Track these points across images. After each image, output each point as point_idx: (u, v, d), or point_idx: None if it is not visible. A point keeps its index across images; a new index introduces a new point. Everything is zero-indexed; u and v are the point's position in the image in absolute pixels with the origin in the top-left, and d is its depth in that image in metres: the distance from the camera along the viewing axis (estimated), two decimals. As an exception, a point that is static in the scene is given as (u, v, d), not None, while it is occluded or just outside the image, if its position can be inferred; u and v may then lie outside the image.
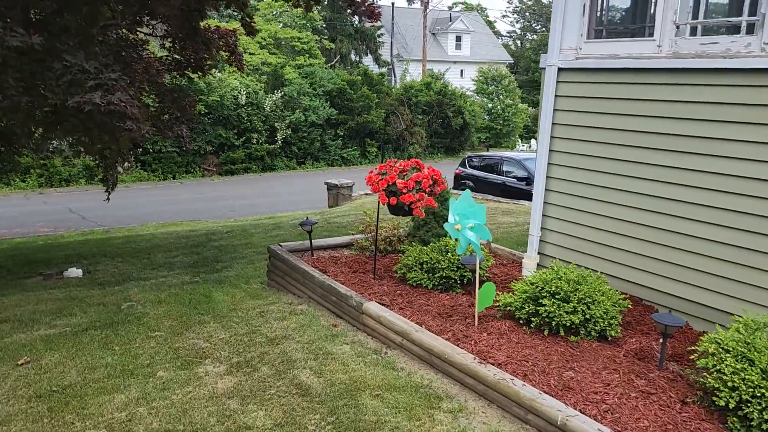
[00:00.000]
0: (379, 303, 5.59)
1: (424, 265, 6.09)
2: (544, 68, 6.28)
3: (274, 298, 6.64)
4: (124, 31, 9.54)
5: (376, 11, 9.82)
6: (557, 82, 6.18)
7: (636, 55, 5.52)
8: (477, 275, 5.08)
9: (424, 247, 6.34)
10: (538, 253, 6.55)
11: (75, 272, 8.63)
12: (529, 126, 45.56)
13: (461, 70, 47.92)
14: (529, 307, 4.96)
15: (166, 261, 9.39)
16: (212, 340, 5.45)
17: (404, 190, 5.45)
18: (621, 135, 5.70)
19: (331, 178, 25.89)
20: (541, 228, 6.49)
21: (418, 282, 6.06)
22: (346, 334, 5.46)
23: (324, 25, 42.60)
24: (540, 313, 4.85)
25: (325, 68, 33.81)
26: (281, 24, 37.98)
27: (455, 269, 5.99)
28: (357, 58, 43.84)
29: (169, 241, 11.17)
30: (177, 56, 9.96)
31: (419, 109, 33.06)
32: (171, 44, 9.78)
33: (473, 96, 38.99)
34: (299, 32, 34.88)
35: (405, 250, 6.74)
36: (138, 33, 9.91)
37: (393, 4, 46.12)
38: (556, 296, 4.85)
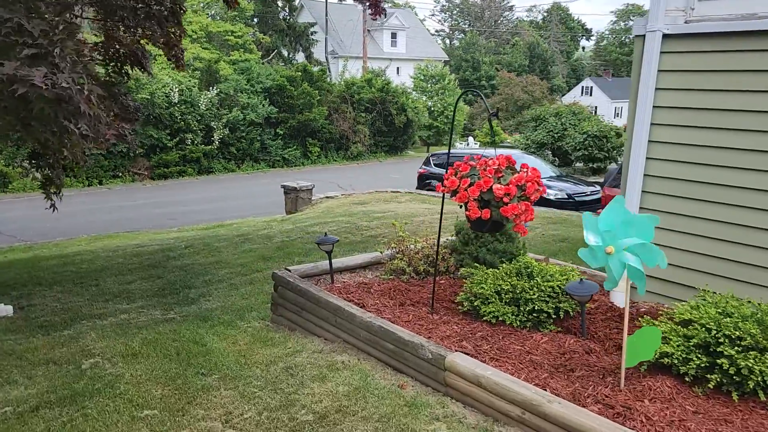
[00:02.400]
0: (460, 351, 4.07)
1: (505, 295, 4.59)
2: (643, 35, 4.91)
3: (293, 343, 4.96)
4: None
5: (380, 4, 8.34)
6: (661, 53, 4.83)
7: (789, 13, 4.23)
8: (626, 315, 3.62)
9: (497, 271, 4.84)
10: (631, 271, 5.18)
11: (3, 310, 6.61)
12: (466, 124, 45.01)
13: (398, 68, 46.71)
14: (699, 358, 3.55)
15: (121, 289, 7.46)
16: (233, 420, 3.76)
17: (506, 199, 3.92)
18: (759, 119, 4.41)
19: (276, 180, 24.09)
20: (636, 240, 5.13)
21: (500, 318, 4.55)
22: (427, 402, 3.88)
23: (255, 20, 40.41)
24: (723, 368, 3.45)
25: (262, 64, 31.75)
26: (210, 16, 35.54)
27: (546, 299, 4.53)
28: (289, 55, 41.82)
29: (117, 260, 9.17)
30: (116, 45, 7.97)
31: (362, 106, 31.55)
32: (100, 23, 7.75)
33: (413, 93, 37.85)
34: (232, 25, 32.61)
35: (464, 274, 5.24)
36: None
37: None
38: (742, 343, 3.47)
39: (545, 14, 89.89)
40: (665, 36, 4.79)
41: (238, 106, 26.75)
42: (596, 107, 60.87)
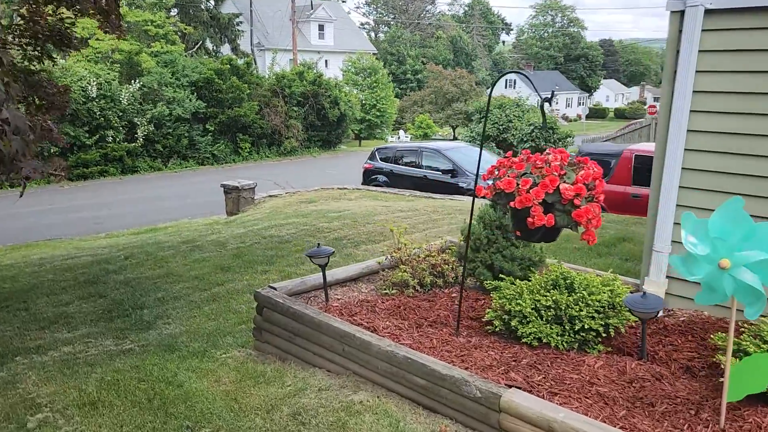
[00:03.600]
0: (513, 386, 3.38)
1: (546, 312, 3.94)
2: (680, 11, 4.36)
3: (292, 379, 4.13)
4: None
5: None
6: (702, 30, 4.29)
7: None
8: (730, 340, 3.02)
9: (529, 283, 4.18)
10: (667, 276, 4.66)
11: None
12: (397, 118, 44.62)
13: (326, 61, 45.66)
14: (811, 385, 3.01)
15: (57, 312, 6.35)
16: (246, 494, 2.92)
17: (577, 201, 3.25)
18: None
19: (206, 178, 22.87)
20: (672, 241, 4.60)
21: (544, 340, 3.90)
22: (484, 452, 3.18)
23: (175, 11, 38.37)
24: (844, 396, 2.93)
25: (186, 56, 30.06)
26: (126, 5, 33.34)
27: (593, 315, 3.91)
28: (214, 47, 40.02)
29: (46, 276, 7.96)
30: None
31: (294, 100, 30.43)
32: None
33: (346, 86, 37.04)
34: (152, 14, 30.70)
35: (487, 287, 4.57)
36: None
37: (251, -11, 42.81)
38: None
39: (466, 8, 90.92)
40: (707, 11, 4.25)
41: (163, 100, 25.13)
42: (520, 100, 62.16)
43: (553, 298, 3.93)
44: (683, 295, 4.58)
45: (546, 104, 3.49)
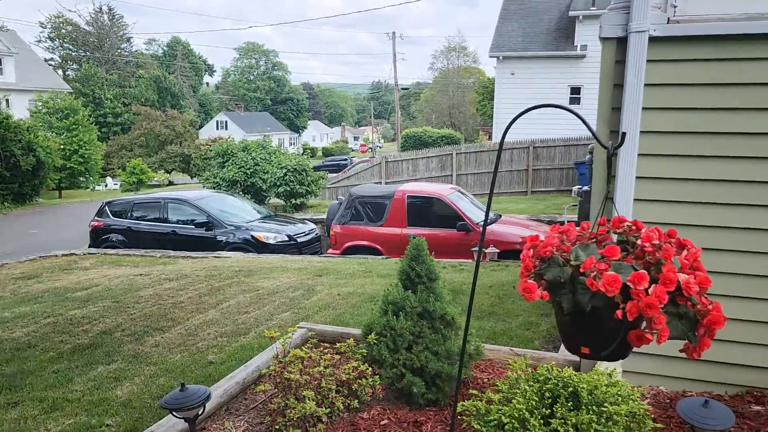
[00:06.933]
0: None
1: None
2: (618, 38, 3.63)
3: None
4: None
5: None
6: (647, 62, 3.62)
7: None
8: None
9: (517, 404, 2.95)
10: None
11: None
12: (102, 164, 40.03)
13: (7, 99, 39.00)
14: None
15: None
16: None
17: (705, 300, 2.10)
18: (781, 144, 3.52)
19: None
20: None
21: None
22: None
23: None
24: None
25: None
26: None
27: (615, 434, 2.86)
28: None
29: None
30: None
31: (-28, 147, 24.87)
32: None
33: (41, 130, 31.79)
34: None
35: (464, 409, 3.20)
36: None
37: None
38: None
39: (166, 48, 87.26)
40: (652, 39, 3.60)
41: None
42: (233, 140, 61.21)
43: (573, 420, 2.79)
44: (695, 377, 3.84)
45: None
